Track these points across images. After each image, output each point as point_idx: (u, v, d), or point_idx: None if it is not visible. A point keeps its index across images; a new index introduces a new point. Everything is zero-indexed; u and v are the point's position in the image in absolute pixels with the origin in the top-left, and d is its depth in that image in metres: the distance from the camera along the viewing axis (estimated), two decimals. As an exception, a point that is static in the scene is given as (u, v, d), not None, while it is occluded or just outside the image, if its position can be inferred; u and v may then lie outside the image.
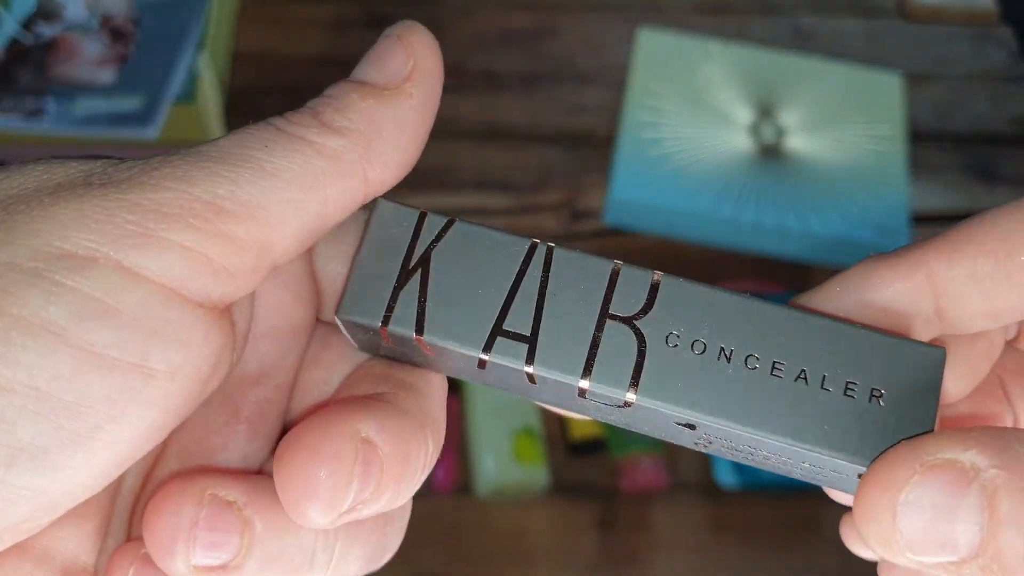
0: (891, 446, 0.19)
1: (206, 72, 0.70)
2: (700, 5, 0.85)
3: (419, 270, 0.21)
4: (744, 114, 0.74)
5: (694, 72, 0.75)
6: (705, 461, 0.63)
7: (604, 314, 0.20)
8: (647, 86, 0.74)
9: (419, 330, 0.21)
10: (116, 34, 0.75)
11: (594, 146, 0.76)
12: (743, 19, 0.85)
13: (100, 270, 0.17)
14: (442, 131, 0.86)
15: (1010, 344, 0.23)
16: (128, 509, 0.21)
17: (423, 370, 0.23)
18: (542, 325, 0.20)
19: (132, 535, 0.21)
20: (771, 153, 0.72)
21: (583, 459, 0.62)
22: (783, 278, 0.70)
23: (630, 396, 0.20)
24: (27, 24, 0.75)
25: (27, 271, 0.17)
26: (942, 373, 0.20)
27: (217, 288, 0.18)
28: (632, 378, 0.20)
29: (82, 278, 0.17)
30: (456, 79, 0.79)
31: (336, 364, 0.23)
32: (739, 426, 0.20)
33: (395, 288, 0.21)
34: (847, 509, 0.22)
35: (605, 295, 0.21)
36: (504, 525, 0.61)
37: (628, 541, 0.61)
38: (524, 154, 0.75)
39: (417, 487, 0.21)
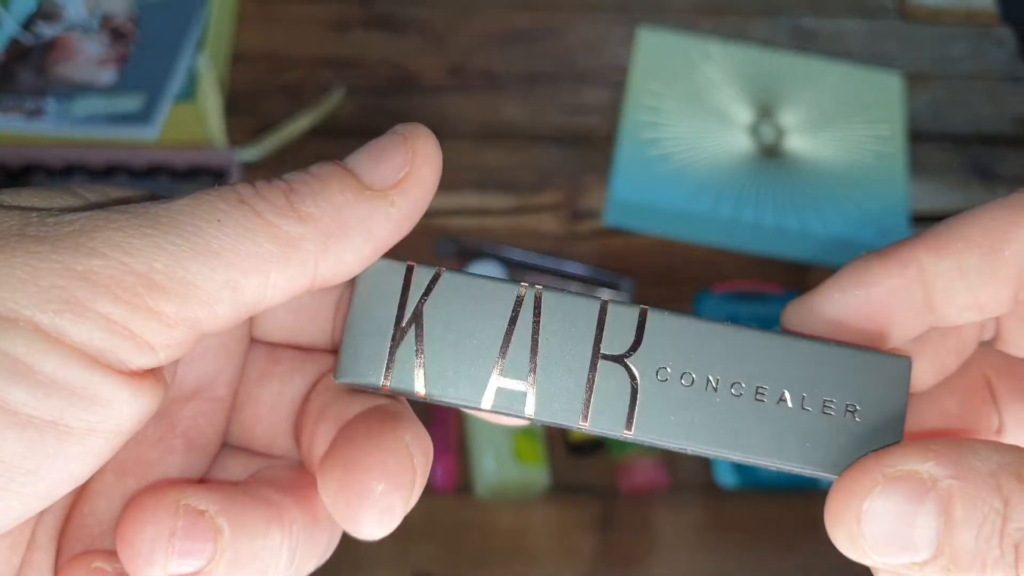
0: (859, 457, 0.20)
1: (206, 72, 0.70)
2: (700, 5, 0.85)
3: (413, 325, 0.21)
4: (744, 114, 0.74)
5: (694, 72, 0.75)
6: (705, 462, 0.63)
7: (596, 354, 0.21)
8: (647, 86, 0.74)
9: (420, 388, 0.21)
10: (116, 34, 0.75)
11: (594, 146, 0.76)
12: (743, 19, 0.85)
13: (19, 331, 0.17)
14: (442, 131, 0.86)
15: (991, 344, 0.24)
16: (58, 522, 0.21)
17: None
18: (538, 371, 0.21)
19: (63, 547, 0.21)
20: (771, 153, 0.72)
21: (583, 459, 0.62)
22: (783, 278, 0.70)
23: (626, 434, 0.21)
24: (27, 24, 0.75)
25: None
26: (908, 382, 0.21)
27: (138, 358, 0.18)
28: (627, 418, 0.21)
29: (1, 337, 0.17)
30: (456, 79, 0.79)
31: (290, 377, 0.24)
32: (729, 452, 0.21)
33: (391, 347, 0.21)
34: None
35: (596, 335, 0.21)
36: (504, 525, 0.61)
37: (628, 541, 0.61)
38: (524, 154, 0.75)
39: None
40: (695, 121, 0.73)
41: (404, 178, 0.20)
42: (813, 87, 0.76)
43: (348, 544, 0.67)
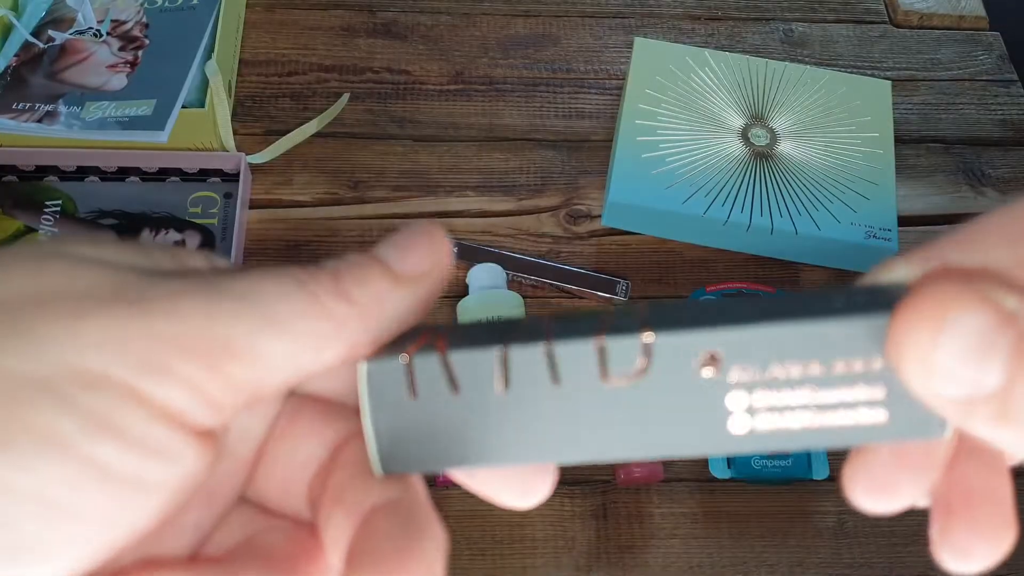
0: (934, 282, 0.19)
1: (215, 77, 0.71)
2: (694, 13, 0.86)
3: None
4: (737, 119, 0.75)
5: (688, 78, 0.76)
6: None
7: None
8: (643, 92, 0.75)
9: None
10: (126, 40, 0.75)
11: (592, 150, 0.77)
12: (736, 26, 0.86)
13: (111, 391, 0.18)
14: (445, 135, 0.87)
15: None
16: None
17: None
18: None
19: None
20: (763, 156, 0.73)
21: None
22: (775, 278, 0.72)
23: (647, 338, 0.20)
24: (39, 30, 0.75)
25: (42, 383, 0.18)
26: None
27: (208, 418, 0.20)
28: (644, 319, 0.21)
29: (93, 396, 0.18)
30: (459, 85, 0.80)
31: (308, 439, 0.24)
32: (767, 326, 0.20)
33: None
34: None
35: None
36: (503, 516, 0.62)
37: (624, 531, 0.62)
38: (524, 157, 0.76)
39: None
40: (690, 126, 0.74)
41: (431, 268, 0.23)
42: (804, 92, 0.77)
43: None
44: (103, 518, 0.18)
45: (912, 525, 0.63)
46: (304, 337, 0.21)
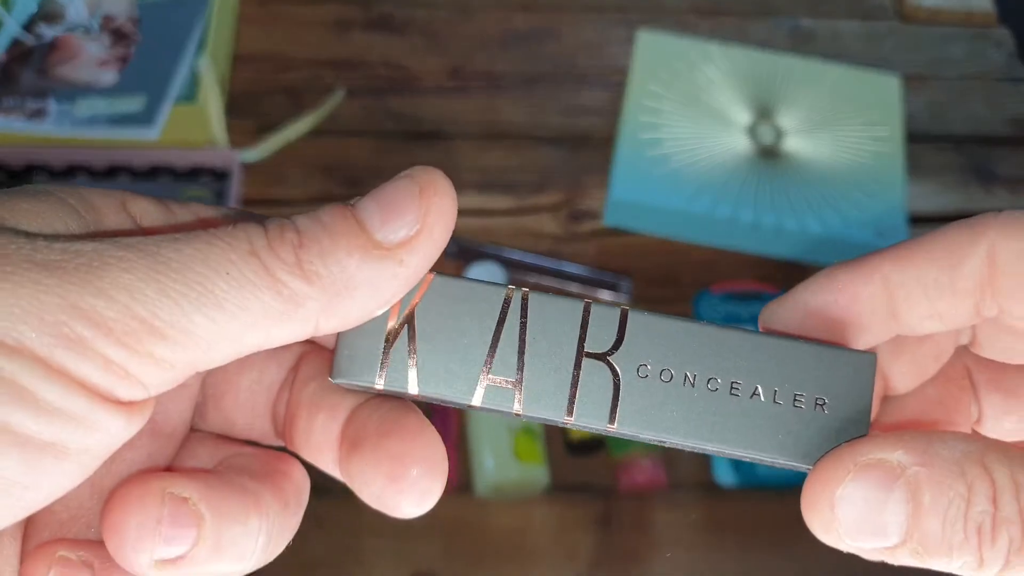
0: (832, 448, 0.21)
1: (207, 73, 0.71)
2: (699, 7, 0.85)
3: (406, 327, 0.22)
4: (743, 115, 0.74)
5: (693, 73, 0.75)
6: (704, 461, 0.63)
7: (580, 353, 0.22)
8: (646, 87, 0.74)
9: (413, 387, 0.22)
10: (117, 35, 0.75)
11: (594, 147, 0.76)
12: (742, 21, 0.85)
13: (23, 360, 0.17)
14: (443, 132, 0.86)
15: (967, 348, 0.25)
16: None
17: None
18: (525, 369, 0.22)
19: (30, 534, 0.22)
20: (769, 154, 0.72)
21: (582, 458, 0.63)
22: (780, 278, 0.71)
23: (610, 428, 0.22)
24: (29, 25, 0.75)
25: None
26: (873, 376, 0.22)
27: (131, 393, 0.19)
28: (610, 413, 0.22)
29: (6, 363, 0.17)
30: (457, 80, 0.79)
31: (266, 365, 0.24)
32: (707, 444, 0.22)
33: (384, 348, 0.22)
34: None
35: (580, 335, 0.22)
36: (504, 524, 0.61)
37: (627, 540, 0.61)
38: (524, 155, 0.75)
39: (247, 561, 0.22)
40: (694, 122, 0.73)
41: (415, 235, 0.20)
42: (811, 88, 0.76)
43: (350, 544, 0.67)
44: (22, 483, 0.18)
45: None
46: (247, 316, 0.19)
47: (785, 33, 0.84)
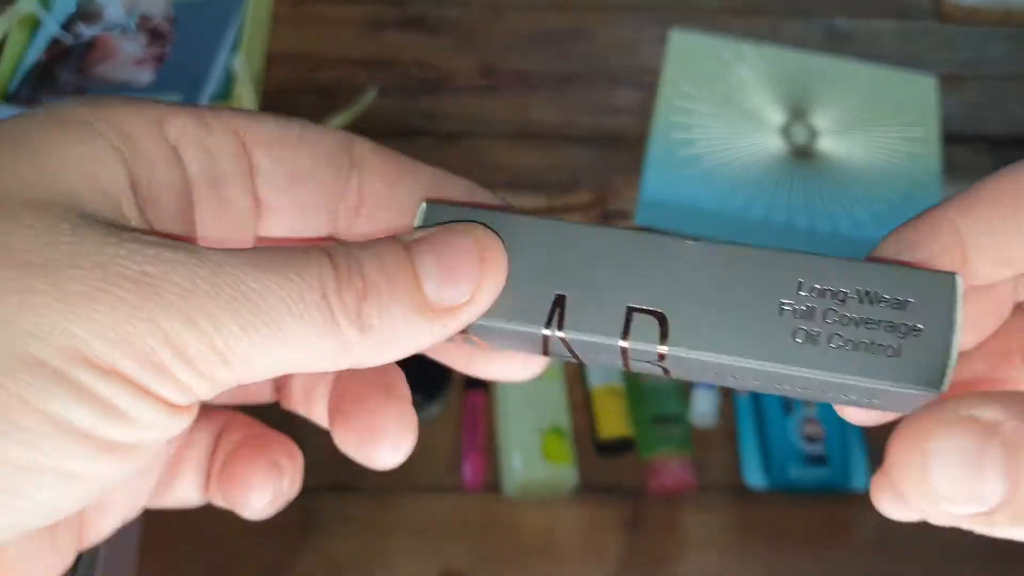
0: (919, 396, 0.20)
1: (242, 72, 0.71)
2: (732, 6, 0.85)
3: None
4: (776, 115, 0.73)
5: (726, 73, 0.75)
6: (734, 463, 0.63)
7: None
8: (678, 87, 0.74)
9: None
10: (154, 34, 0.76)
11: (625, 147, 0.76)
12: (776, 20, 0.84)
13: (116, 382, 0.18)
14: (474, 131, 0.86)
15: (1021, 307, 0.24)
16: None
17: None
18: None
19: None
20: (803, 155, 0.72)
21: (612, 459, 0.63)
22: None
23: (663, 349, 0.21)
24: (67, 25, 0.76)
25: (42, 363, 0.18)
26: (959, 293, 0.21)
27: (181, 399, 0.20)
28: (662, 336, 0.21)
29: (104, 385, 0.18)
30: (488, 80, 0.79)
31: None
32: (781, 366, 0.21)
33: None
34: (874, 511, 0.23)
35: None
36: (532, 524, 0.61)
37: (656, 542, 0.61)
38: (555, 154, 0.75)
39: None
40: (727, 122, 0.73)
41: (464, 304, 0.21)
42: (846, 88, 0.75)
43: (378, 543, 0.67)
44: (87, 477, 0.19)
45: (955, 540, 0.61)
46: (303, 352, 0.20)
47: (819, 33, 0.83)
